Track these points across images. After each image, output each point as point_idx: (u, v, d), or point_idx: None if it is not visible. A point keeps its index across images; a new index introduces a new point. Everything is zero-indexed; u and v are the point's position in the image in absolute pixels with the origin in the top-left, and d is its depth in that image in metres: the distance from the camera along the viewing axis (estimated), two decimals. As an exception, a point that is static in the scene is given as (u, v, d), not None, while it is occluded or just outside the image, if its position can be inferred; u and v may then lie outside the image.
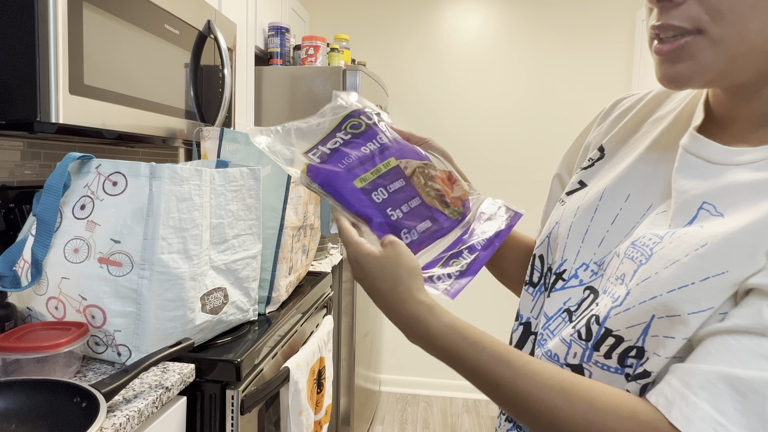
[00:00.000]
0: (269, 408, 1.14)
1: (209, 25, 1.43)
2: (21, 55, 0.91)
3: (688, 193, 0.47)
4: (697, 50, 0.44)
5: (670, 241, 0.45)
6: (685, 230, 0.45)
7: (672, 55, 0.45)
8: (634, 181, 0.53)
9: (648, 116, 0.58)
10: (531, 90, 2.87)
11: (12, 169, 1.24)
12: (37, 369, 0.79)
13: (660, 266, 0.44)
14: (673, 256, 0.44)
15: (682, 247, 0.44)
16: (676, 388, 0.40)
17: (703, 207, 0.45)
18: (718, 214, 0.44)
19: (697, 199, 0.46)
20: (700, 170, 0.47)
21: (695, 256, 0.42)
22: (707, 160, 0.48)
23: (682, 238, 0.44)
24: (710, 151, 0.47)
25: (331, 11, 3.00)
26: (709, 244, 0.42)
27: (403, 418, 2.80)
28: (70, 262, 0.88)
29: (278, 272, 1.25)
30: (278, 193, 1.23)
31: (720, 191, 0.45)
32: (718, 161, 0.47)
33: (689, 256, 0.43)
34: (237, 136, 1.25)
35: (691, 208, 0.46)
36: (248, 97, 2.10)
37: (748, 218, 0.41)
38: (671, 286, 0.42)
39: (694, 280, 0.41)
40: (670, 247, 0.44)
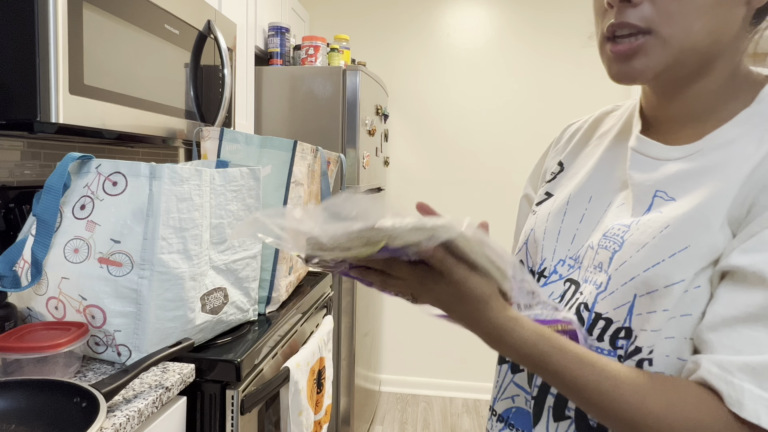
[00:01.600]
0: (269, 408, 1.14)
1: (209, 25, 1.43)
2: (21, 55, 0.91)
3: (643, 185, 0.55)
4: (650, 48, 0.50)
5: (637, 227, 0.52)
6: (648, 217, 0.52)
7: (628, 53, 0.51)
8: (593, 184, 0.62)
9: (594, 133, 0.68)
10: (531, 90, 2.87)
11: (12, 169, 1.24)
12: (37, 369, 0.79)
13: (633, 251, 0.51)
14: (643, 240, 0.51)
15: (648, 231, 0.51)
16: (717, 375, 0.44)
17: (657, 195, 0.54)
18: (670, 199, 0.52)
19: (650, 189, 0.54)
20: (648, 165, 0.56)
21: (661, 237, 0.50)
22: (652, 156, 0.56)
23: (647, 224, 0.52)
24: (653, 149, 0.56)
25: (331, 11, 3.00)
26: (671, 225, 0.50)
27: (403, 418, 2.80)
28: (70, 262, 0.88)
29: (278, 272, 1.25)
30: (278, 193, 1.23)
31: (668, 180, 0.53)
32: (661, 157, 0.55)
33: (656, 238, 0.50)
34: (237, 136, 1.25)
35: (647, 197, 0.54)
36: (248, 97, 2.10)
37: (696, 200, 0.49)
38: (646, 266, 0.49)
39: (664, 258, 0.49)
40: (638, 233, 0.52)
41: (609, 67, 0.54)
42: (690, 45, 0.50)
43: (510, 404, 0.62)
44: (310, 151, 1.32)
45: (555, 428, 0.55)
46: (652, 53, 0.50)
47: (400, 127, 3.03)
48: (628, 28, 0.51)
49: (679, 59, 0.51)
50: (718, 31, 0.50)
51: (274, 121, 2.24)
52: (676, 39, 0.50)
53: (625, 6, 0.50)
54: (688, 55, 0.51)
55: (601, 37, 0.54)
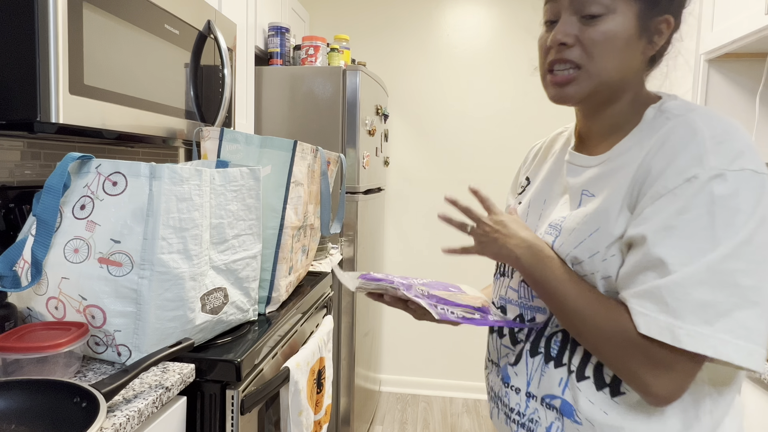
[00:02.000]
0: (269, 408, 1.14)
1: (209, 25, 1.43)
2: (21, 55, 0.91)
3: (575, 187, 0.76)
4: (579, 79, 0.70)
5: (570, 218, 0.73)
6: (577, 211, 0.73)
7: (563, 82, 0.71)
8: (545, 190, 0.83)
9: (549, 152, 0.89)
10: (531, 90, 2.87)
11: (12, 169, 1.24)
12: (37, 369, 0.79)
13: (566, 235, 0.72)
14: (572, 227, 0.71)
15: (575, 220, 0.71)
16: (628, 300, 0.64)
17: (583, 193, 0.73)
18: (591, 195, 0.72)
19: (579, 189, 0.75)
20: (577, 172, 0.76)
21: (582, 223, 0.70)
22: (579, 165, 0.77)
23: (575, 216, 0.72)
24: (580, 160, 0.77)
25: (331, 11, 3.00)
26: (588, 215, 0.70)
27: (403, 418, 2.80)
28: (70, 262, 0.88)
29: (278, 272, 1.25)
30: (278, 193, 1.23)
31: (589, 182, 0.73)
32: (584, 165, 0.76)
33: (580, 224, 0.70)
34: (237, 136, 1.25)
35: (577, 195, 0.75)
36: (248, 97, 2.10)
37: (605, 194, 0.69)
38: (575, 244, 0.70)
39: (584, 238, 0.69)
40: (570, 222, 0.72)
41: (548, 92, 0.74)
42: (606, 78, 0.70)
43: (506, 361, 0.82)
44: (310, 151, 1.32)
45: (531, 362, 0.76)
46: (581, 83, 0.70)
47: (400, 127, 3.03)
48: (564, 63, 0.70)
49: (598, 88, 0.70)
50: (624, 69, 0.70)
51: (274, 121, 2.24)
52: (597, 73, 0.69)
53: (563, 48, 0.70)
54: (604, 86, 0.70)
55: (544, 70, 0.74)
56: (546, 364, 0.73)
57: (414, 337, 3.08)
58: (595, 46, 0.68)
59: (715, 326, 0.57)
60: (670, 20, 0.70)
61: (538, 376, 0.74)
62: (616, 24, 0.67)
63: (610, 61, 0.68)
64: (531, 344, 0.76)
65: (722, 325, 0.57)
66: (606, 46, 0.68)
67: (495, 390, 0.84)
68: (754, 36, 1.69)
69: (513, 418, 0.78)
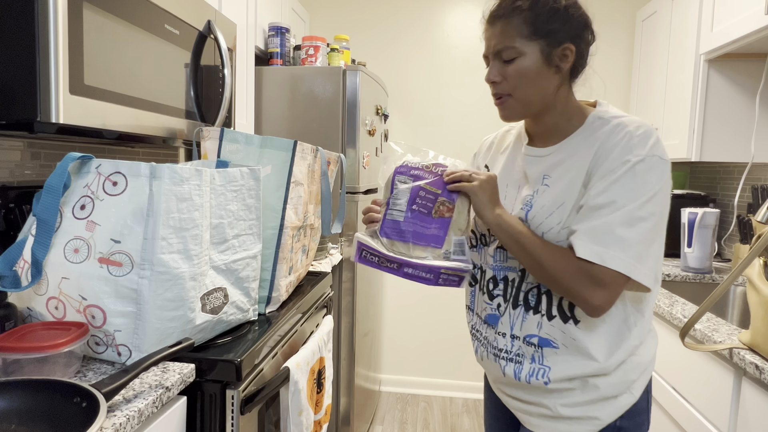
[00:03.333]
0: (269, 408, 1.14)
1: (209, 25, 1.43)
2: (21, 55, 0.91)
3: (535, 173, 0.98)
4: (511, 104, 0.96)
5: (539, 196, 0.95)
6: (542, 190, 0.95)
7: (502, 106, 0.96)
8: (506, 177, 1.05)
9: (501, 145, 1.12)
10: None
11: (12, 169, 1.24)
12: (37, 369, 0.79)
13: (537, 208, 0.94)
14: (541, 203, 0.94)
15: (544, 198, 0.94)
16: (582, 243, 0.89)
17: (544, 177, 0.96)
18: (549, 177, 0.95)
19: (540, 175, 0.97)
20: (534, 161, 0.99)
21: (551, 199, 0.93)
22: (534, 156, 0.99)
23: (542, 194, 0.95)
24: (534, 152, 1.00)
25: (331, 11, 3.00)
26: (556, 193, 0.93)
27: (403, 418, 2.80)
28: (70, 262, 0.88)
29: (278, 272, 1.25)
30: (278, 193, 1.23)
31: (547, 168, 0.96)
32: (538, 155, 0.99)
33: (549, 200, 0.93)
34: (237, 136, 1.25)
35: (538, 179, 0.97)
36: (248, 97, 2.10)
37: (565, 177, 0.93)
38: (546, 215, 0.93)
39: (554, 210, 0.92)
40: (539, 199, 0.95)
41: (499, 112, 0.98)
42: (529, 101, 0.94)
43: (487, 311, 1.03)
44: (310, 151, 1.32)
45: (513, 313, 0.99)
46: (513, 107, 0.96)
47: (400, 127, 3.02)
48: (498, 94, 0.96)
49: (527, 108, 0.95)
50: (542, 91, 0.94)
51: (274, 121, 2.24)
52: (521, 98, 0.94)
53: (495, 84, 0.95)
54: (531, 106, 0.95)
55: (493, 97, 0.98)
56: (526, 312, 0.97)
57: (414, 337, 3.08)
58: (515, 79, 0.92)
59: (627, 253, 0.84)
60: (571, 47, 0.92)
61: (519, 322, 0.98)
62: (526, 62, 0.91)
63: (528, 88, 0.93)
64: (513, 299, 0.99)
65: (631, 253, 0.84)
66: (522, 79, 0.92)
67: (483, 334, 1.06)
68: (754, 36, 1.69)
69: (502, 356, 1.01)
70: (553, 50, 0.91)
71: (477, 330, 1.08)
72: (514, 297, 0.98)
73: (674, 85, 2.25)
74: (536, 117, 0.98)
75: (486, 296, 1.04)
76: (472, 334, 1.11)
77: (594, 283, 0.85)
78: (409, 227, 0.95)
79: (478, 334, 1.08)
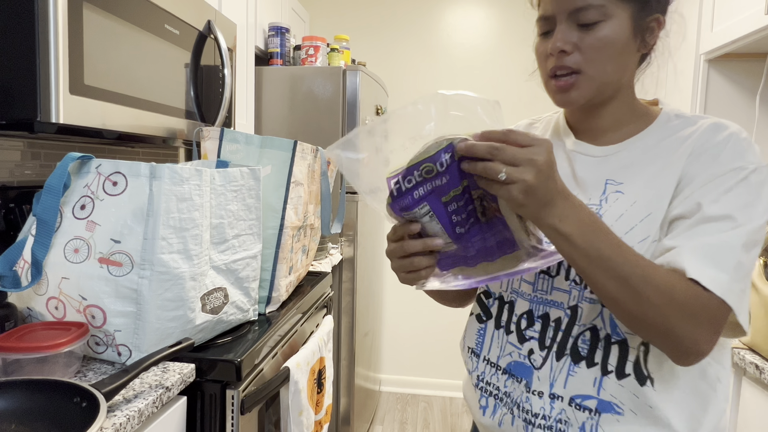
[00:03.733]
0: (269, 408, 1.14)
1: (209, 25, 1.43)
2: (21, 55, 0.91)
3: (593, 176, 0.76)
4: (580, 83, 0.72)
5: (608, 206, 0.73)
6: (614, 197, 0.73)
7: (566, 87, 0.73)
8: None
9: None
10: (530, 89, 2.87)
11: (12, 169, 1.24)
12: (37, 369, 0.79)
13: (611, 221, 0.71)
14: (616, 214, 0.71)
15: (619, 207, 0.72)
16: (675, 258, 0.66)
17: (607, 182, 0.75)
18: (618, 183, 0.74)
19: (601, 179, 0.75)
20: (590, 162, 0.77)
21: (632, 209, 0.71)
22: (589, 155, 0.78)
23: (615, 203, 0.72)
24: (589, 150, 0.78)
25: (331, 11, 3.00)
26: (637, 201, 0.71)
27: (403, 418, 2.80)
28: (70, 262, 0.88)
29: (278, 272, 1.25)
30: (278, 193, 1.23)
31: (611, 171, 0.75)
32: (596, 155, 0.77)
33: (626, 210, 0.71)
34: (237, 136, 1.25)
35: (599, 184, 0.75)
36: (248, 97, 2.10)
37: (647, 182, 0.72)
38: (625, 230, 0.70)
39: (636, 223, 0.70)
40: (612, 209, 0.72)
41: (553, 97, 0.76)
42: (606, 80, 0.72)
43: (509, 359, 0.78)
44: (310, 151, 1.32)
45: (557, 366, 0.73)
46: (582, 87, 0.72)
47: (400, 127, 3.02)
48: (565, 69, 0.72)
49: (599, 90, 0.73)
50: (621, 70, 0.73)
51: (274, 121, 2.24)
52: (596, 77, 0.71)
53: (562, 55, 0.72)
54: (604, 87, 0.73)
55: (546, 76, 0.76)
56: (575, 364, 0.71)
57: (414, 337, 3.08)
58: (594, 51, 0.70)
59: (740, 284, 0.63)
60: (660, 19, 0.73)
61: (564, 376, 0.72)
62: (612, 28, 0.70)
63: (609, 64, 0.71)
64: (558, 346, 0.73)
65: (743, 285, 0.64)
66: (605, 51, 0.70)
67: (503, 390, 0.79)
68: (754, 36, 1.69)
69: (537, 423, 0.73)
70: (644, 19, 0.72)
71: (489, 383, 0.81)
72: (560, 343, 0.73)
73: (674, 85, 2.25)
74: (597, 107, 0.77)
75: (515, 337, 0.78)
76: (480, 389, 0.82)
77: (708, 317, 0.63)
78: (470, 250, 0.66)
79: (492, 389, 0.81)
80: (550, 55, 0.73)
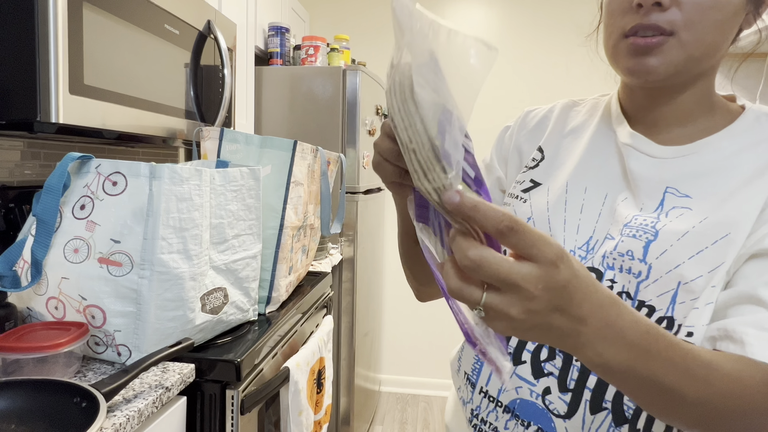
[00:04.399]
0: (269, 408, 1.14)
1: (209, 25, 1.43)
2: (21, 55, 0.91)
3: (651, 181, 0.59)
4: (668, 48, 0.54)
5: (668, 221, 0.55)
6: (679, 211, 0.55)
7: (646, 49, 0.55)
8: (586, 176, 0.64)
9: (565, 126, 0.71)
10: (531, 90, 2.87)
11: (12, 169, 1.24)
12: (37, 369, 0.79)
13: (673, 239, 0.53)
14: (682, 229, 0.53)
15: (684, 222, 0.54)
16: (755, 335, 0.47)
17: (668, 191, 0.57)
18: (683, 195, 0.56)
19: (660, 185, 0.58)
20: (648, 162, 0.60)
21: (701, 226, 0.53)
22: (649, 154, 0.60)
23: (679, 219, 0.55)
24: (649, 147, 0.60)
25: (331, 11, 3.00)
26: (710, 217, 0.53)
27: (403, 418, 2.80)
28: (70, 262, 0.88)
29: (278, 272, 1.25)
30: (278, 193, 1.23)
31: (677, 178, 0.57)
32: (658, 155, 0.59)
33: (696, 227, 0.53)
34: (237, 136, 1.25)
35: (657, 192, 0.58)
36: (248, 97, 2.10)
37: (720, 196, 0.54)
38: (690, 253, 0.52)
39: (707, 245, 0.52)
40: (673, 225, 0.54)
41: (625, 62, 0.57)
42: (701, 53, 0.55)
43: (514, 395, 0.62)
44: (310, 151, 1.32)
45: (591, 420, 0.55)
46: (669, 53, 0.55)
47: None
48: (652, 29, 0.54)
49: (687, 65, 0.55)
50: (719, 45, 0.56)
51: (274, 121, 2.24)
52: (691, 45, 0.54)
53: (655, 9, 0.54)
54: (694, 63, 0.55)
55: (618, 35, 0.57)
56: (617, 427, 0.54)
57: (414, 337, 3.08)
58: (699, 11, 0.53)
59: None
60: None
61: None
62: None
63: (711, 32, 0.54)
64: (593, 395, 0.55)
65: None
66: (711, 13, 0.53)
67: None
68: (754, 36, 1.68)
69: None
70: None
71: (485, 422, 0.65)
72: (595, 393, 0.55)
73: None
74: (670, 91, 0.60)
75: (527, 369, 0.61)
76: (474, 427, 0.66)
77: None
78: None
79: (488, 429, 0.64)
80: (638, 6, 0.54)
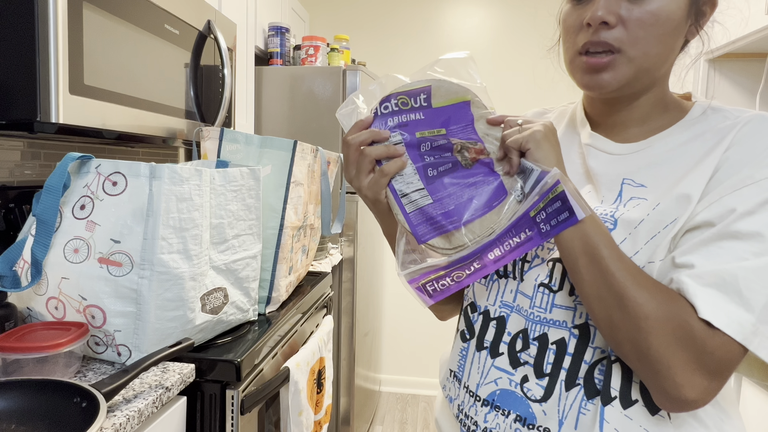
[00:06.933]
0: (269, 408, 1.14)
1: (209, 25, 1.43)
2: (21, 55, 0.91)
3: (609, 175, 0.65)
4: (618, 64, 0.60)
5: (625, 210, 0.61)
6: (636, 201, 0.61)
7: (599, 66, 0.61)
8: None
9: None
10: (531, 90, 2.87)
11: (12, 169, 1.24)
12: (37, 369, 0.79)
13: (629, 228, 0.59)
14: (638, 217, 0.59)
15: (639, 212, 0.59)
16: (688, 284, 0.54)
17: (625, 182, 0.63)
18: (639, 185, 0.62)
19: (618, 178, 0.64)
20: (606, 159, 0.66)
21: (655, 213, 0.58)
22: (607, 152, 0.67)
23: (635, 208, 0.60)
24: (607, 146, 0.67)
25: (331, 11, 3.00)
26: (662, 203, 0.58)
27: (403, 418, 2.80)
28: (70, 262, 0.88)
29: (278, 272, 1.25)
30: (278, 193, 1.23)
31: (632, 169, 0.63)
32: (615, 152, 0.66)
33: (650, 214, 0.58)
34: (237, 136, 1.25)
35: (614, 184, 0.64)
36: (248, 97, 2.10)
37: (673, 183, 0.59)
38: (646, 238, 0.58)
39: (659, 230, 0.57)
40: (630, 214, 0.60)
41: (579, 78, 0.64)
42: (648, 65, 0.61)
43: (494, 387, 0.66)
44: (310, 151, 1.32)
45: (565, 398, 0.60)
46: (619, 69, 0.61)
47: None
48: (602, 46, 0.60)
49: (637, 76, 0.61)
50: (665, 57, 0.62)
51: (274, 121, 2.24)
52: (638, 59, 0.60)
53: (603, 27, 0.60)
54: (643, 74, 0.62)
55: (573, 52, 0.64)
56: (589, 400, 0.59)
57: (414, 337, 3.08)
58: (643, 28, 0.58)
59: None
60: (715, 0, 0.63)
61: (575, 414, 0.59)
62: (667, 3, 0.58)
63: (656, 45, 0.59)
64: (567, 374, 0.60)
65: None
66: (654, 29, 0.58)
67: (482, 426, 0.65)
68: (754, 36, 1.69)
69: None
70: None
71: (468, 416, 0.68)
72: (570, 372, 0.61)
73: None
74: (625, 99, 0.66)
75: (505, 360, 0.65)
76: (460, 422, 0.70)
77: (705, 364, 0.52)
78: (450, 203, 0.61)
79: (470, 423, 0.68)
80: (587, 25, 0.60)
